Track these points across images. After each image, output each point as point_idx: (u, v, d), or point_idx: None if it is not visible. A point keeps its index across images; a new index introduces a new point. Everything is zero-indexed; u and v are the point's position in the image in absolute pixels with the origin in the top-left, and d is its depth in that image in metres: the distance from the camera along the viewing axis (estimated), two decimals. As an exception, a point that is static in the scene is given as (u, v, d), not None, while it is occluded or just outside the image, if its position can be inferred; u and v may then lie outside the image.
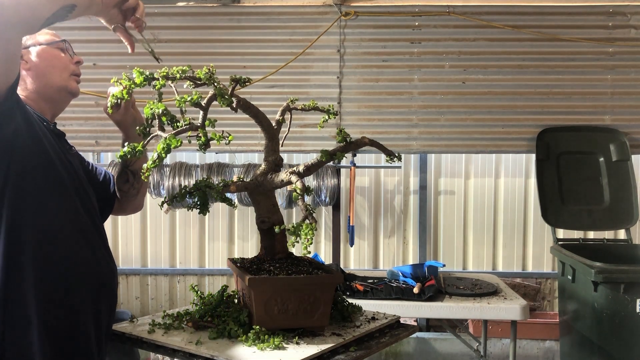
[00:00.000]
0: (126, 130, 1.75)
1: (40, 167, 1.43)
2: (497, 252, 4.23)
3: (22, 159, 1.38)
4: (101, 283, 1.56)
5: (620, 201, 3.53)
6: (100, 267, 1.56)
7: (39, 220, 1.40)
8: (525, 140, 3.72)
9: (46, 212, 1.42)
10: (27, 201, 1.39)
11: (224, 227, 4.26)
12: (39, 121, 1.50)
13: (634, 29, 3.70)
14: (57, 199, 1.46)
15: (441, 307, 2.81)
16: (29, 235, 1.38)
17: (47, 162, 1.46)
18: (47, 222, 1.42)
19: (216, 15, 3.76)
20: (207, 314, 1.81)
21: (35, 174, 1.41)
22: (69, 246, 1.47)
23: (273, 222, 1.82)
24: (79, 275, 1.48)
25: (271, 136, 1.84)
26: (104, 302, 1.57)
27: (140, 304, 4.31)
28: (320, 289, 1.71)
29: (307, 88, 3.75)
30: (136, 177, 1.81)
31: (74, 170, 1.57)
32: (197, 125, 1.55)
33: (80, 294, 1.48)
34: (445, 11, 3.72)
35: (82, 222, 1.53)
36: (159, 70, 1.53)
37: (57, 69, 1.61)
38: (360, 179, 4.16)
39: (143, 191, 1.88)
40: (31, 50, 1.58)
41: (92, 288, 1.52)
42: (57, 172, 1.48)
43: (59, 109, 1.67)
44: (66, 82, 1.63)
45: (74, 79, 1.66)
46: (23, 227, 1.37)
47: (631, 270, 2.86)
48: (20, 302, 1.37)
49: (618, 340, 2.87)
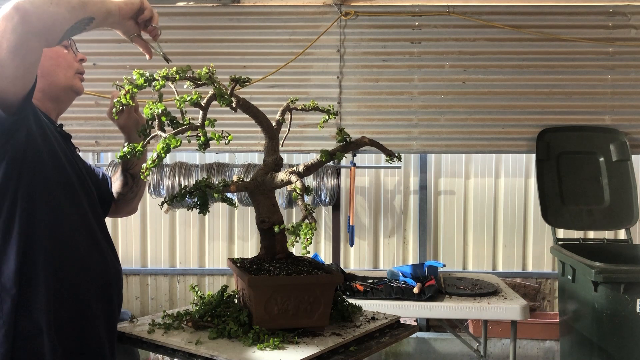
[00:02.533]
0: (129, 133, 1.75)
1: (53, 171, 1.42)
2: (497, 252, 4.23)
3: (35, 164, 1.37)
4: (110, 285, 1.56)
5: (620, 201, 3.53)
6: (109, 268, 1.56)
7: (52, 226, 1.39)
8: (525, 140, 3.72)
9: (59, 217, 1.42)
10: (40, 207, 1.37)
11: (224, 227, 4.26)
12: (48, 123, 1.50)
13: (634, 29, 3.70)
14: (69, 203, 1.46)
15: (441, 307, 2.81)
16: (43, 242, 1.37)
17: (59, 166, 1.45)
18: (60, 227, 1.41)
19: (216, 15, 3.76)
20: (207, 314, 1.81)
21: (48, 177, 1.40)
22: (81, 251, 1.46)
23: (273, 222, 1.82)
24: (90, 279, 1.48)
25: (271, 136, 1.84)
26: (114, 304, 1.57)
27: (140, 304, 4.31)
28: (320, 289, 1.71)
29: (307, 88, 3.75)
30: (135, 180, 1.80)
31: (81, 172, 1.57)
32: (197, 125, 1.55)
33: (91, 299, 1.47)
34: (445, 11, 3.72)
35: (91, 225, 1.53)
36: (158, 71, 1.53)
37: (62, 68, 1.59)
38: (360, 179, 4.16)
39: (140, 195, 1.87)
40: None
41: (103, 292, 1.52)
42: (68, 175, 1.48)
43: (63, 108, 1.66)
44: (71, 81, 1.61)
45: (78, 77, 1.64)
46: (36, 234, 1.36)
47: (631, 270, 2.86)
48: (31, 310, 1.35)
49: (618, 340, 2.87)
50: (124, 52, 3.68)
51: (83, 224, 1.50)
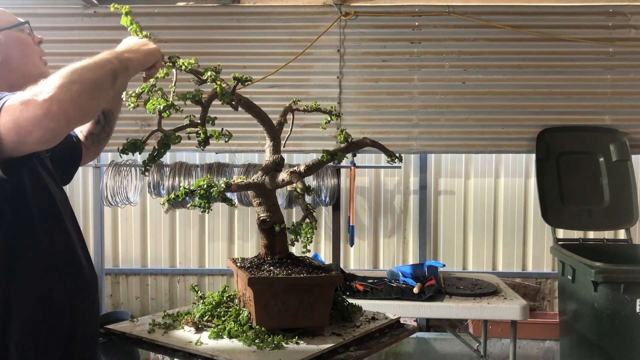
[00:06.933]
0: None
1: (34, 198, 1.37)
2: (497, 252, 4.23)
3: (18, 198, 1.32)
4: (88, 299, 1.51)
5: (620, 201, 3.53)
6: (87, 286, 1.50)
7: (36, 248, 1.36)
8: (525, 140, 3.72)
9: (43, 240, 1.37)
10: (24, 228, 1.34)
11: (224, 227, 4.26)
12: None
13: (634, 29, 3.70)
14: (51, 222, 1.41)
15: (441, 307, 2.81)
16: (26, 267, 1.33)
17: (40, 183, 1.41)
18: (43, 252, 1.37)
19: (216, 15, 3.76)
20: (207, 314, 1.81)
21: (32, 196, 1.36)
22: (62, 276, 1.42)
23: (273, 221, 1.82)
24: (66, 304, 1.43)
25: (273, 136, 1.84)
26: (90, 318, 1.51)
27: (140, 304, 4.31)
28: (320, 289, 1.71)
29: (307, 88, 3.75)
30: (107, 117, 1.70)
31: (50, 170, 1.52)
32: (197, 123, 1.55)
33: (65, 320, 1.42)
34: (445, 11, 3.72)
35: (72, 242, 1.47)
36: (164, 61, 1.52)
37: (30, 57, 1.48)
38: (360, 179, 4.16)
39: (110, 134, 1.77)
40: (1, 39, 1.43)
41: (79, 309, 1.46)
42: (49, 192, 1.43)
43: None
44: (41, 68, 1.50)
45: (43, 62, 1.53)
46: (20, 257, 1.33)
47: (631, 270, 2.86)
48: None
49: (618, 340, 2.87)
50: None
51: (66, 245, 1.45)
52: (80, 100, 1.13)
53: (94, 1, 3.59)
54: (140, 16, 3.65)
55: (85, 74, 1.16)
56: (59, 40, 3.54)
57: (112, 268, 4.27)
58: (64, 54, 3.55)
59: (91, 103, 1.16)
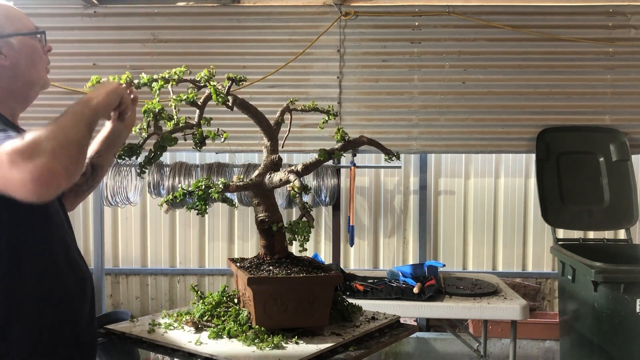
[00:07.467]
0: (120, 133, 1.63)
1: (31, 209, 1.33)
2: (497, 252, 4.23)
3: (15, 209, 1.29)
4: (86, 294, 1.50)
5: (620, 201, 3.53)
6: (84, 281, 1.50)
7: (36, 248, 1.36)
8: (525, 140, 3.72)
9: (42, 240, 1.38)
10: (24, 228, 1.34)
11: (224, 227, 4.26)
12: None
13: (634, 29, 3.70)
14: (49, 222, 1.41)
15: (441, 307, 2.81)
16: (26, 267, 1.34)
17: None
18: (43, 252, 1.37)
19: (216, 15, 3.76)
20: (207, 314, 1.82)
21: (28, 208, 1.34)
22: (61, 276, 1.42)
23: (272, 221, 1.83)
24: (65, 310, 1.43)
25: (270, 136, 1.84)
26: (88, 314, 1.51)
27: (140, 304, 4.31)
28: (320, 288, 1.71)
29: (307, 88, 3.75)
30: (95, 172, 1.65)
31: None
32: (193, 124, 1.55)
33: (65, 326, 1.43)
34: (445, 11, 3.72)
35: (66, 240, 1.47)
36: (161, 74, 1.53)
37: (36, 65, 1.46)
38: (360, 179, 4.16)
39: (92, 189, 1.73)
40: (12, 42, 1.40)
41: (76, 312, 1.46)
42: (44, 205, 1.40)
43: (28, 105, 1.51)
44: (44, 78, 1.49)
45: (46, 71, 1.51)
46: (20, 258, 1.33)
47: (631, 270, 2.86)
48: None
49: (618, 340, 2.87)
50: (124, 52, 3.67)
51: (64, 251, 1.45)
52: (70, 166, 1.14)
53: (94, 1, 3.59)
54: (140, 16, 3.66)
55: (71, 135, 1.17)
56: (59, 40, 3.53)
57: (112, 268, 4.27)
58: (64, 54, 3.56)
59: (77, 167, 1.19)
